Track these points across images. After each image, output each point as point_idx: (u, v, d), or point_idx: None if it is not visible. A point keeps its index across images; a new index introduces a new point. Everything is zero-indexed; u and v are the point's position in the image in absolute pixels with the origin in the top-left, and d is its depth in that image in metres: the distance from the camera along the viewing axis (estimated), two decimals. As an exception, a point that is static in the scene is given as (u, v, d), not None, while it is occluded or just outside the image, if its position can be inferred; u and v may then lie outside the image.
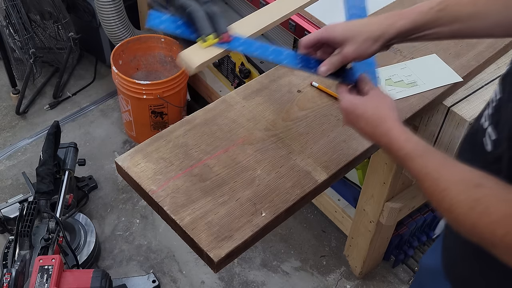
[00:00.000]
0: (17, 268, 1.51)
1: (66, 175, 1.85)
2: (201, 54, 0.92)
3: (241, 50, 0.95)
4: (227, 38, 0.93)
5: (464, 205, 0.68)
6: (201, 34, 0.91)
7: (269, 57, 0.94)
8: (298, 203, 1.01)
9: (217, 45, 0.93)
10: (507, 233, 0.63)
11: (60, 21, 2.31)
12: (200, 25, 0.90)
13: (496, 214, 0.64)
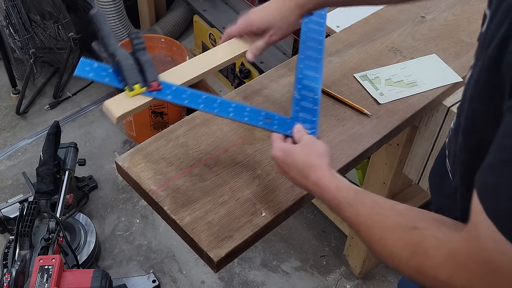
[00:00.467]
0: (17, 268, 1.51)
1: (66, 175, 1.85)
2: (125, 103, 0.91)
3: (170, 98, 0.92)
4: (156, 87, 0.91)
5: (404, 251, 0.67)
6: (128, 83, 0.90)
7: (199, 106, 0.93)
8: (298, 203, 1.01)
9: (146, 94, 0.91)
10: (450, 276, 0.62)
11: (60, 21, 2.31)
12: (127, 74, 0.90)
13: (438, 257, 0.63)
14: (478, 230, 0.58)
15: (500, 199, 0.54)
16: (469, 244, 0.59)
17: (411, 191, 1.63)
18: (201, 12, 2.19)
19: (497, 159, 0.55)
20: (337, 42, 1.34)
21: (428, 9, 1.44)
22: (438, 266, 0.63)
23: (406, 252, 0.67)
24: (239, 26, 1.03)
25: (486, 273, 0.58)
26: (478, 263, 0.58)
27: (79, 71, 0.91)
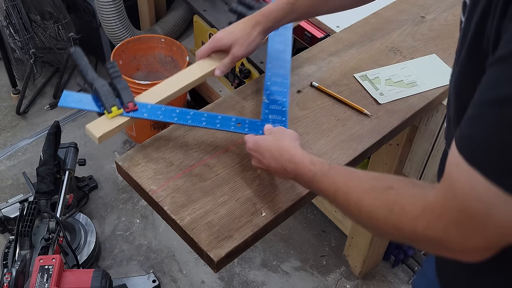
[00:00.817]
0: (18, 268, 1.51)
1: (66, 175, 1.85)
2: (105, 124, 1.00)
3: (146, 116, 1.01)
4: (132, 107, 1.01)
5: (382, 209, 0.70)
6: (105, 107, 1.00)
7: (174, 119, 1.02)
8: (298, 203, 1.01)
9: (123, 114, 1.01)
10: (427, 227, 0.64)
11: (60, 21, 2.31)
12: (104, 98, 1.00)
13: (414, 211, 0.66)
14: (454, 180, 0.61)
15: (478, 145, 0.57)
16: (444, 195, 0.62)
17: (411, 191, 1.62)
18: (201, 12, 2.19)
19: (475, 113, 0.59)
20: (337, 42, 1.34)
21: (428, 9, 1.44)
22: (414, 219, 0.65)
23: (383, 210, 0.70)
24: (208, 45, 1.13)
25: (462, 221, 0.61)
26: (453, 212, 0.61)
27: (62, 102, 1.01)
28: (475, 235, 0.61)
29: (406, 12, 1.43)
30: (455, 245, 0.63)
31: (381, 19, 1.41)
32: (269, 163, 0.93)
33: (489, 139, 0.56)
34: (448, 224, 0.62)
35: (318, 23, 1.55)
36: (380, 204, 0.71)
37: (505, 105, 0.55)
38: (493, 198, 0.57)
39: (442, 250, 0.66)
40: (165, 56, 2.33)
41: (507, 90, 0.55)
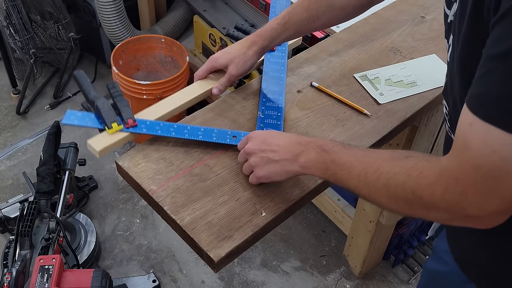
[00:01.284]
0: (18, 268, 1.51)
1: (66, 175, 1.85)
2: (105, 139, 1.04)
3: (145, 131, 1.06)
4: (132, 123, 1.06)
5: (400, 175, 0.72)
6: (106, 123, 1.05)
7: (172, 133, 1.06)
8: (298, 203, 1.01)
9: (124, 130, 1.06)
10: (445, 191, 0.66)
11: (60, 21, 2.31)
12: (105, 115, 1.05)
13: (432, 176, 0.68)
14: (467, 141, 0.63)
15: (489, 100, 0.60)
16: (459, 158, 0.65)
17: (411, 191, 1.63)
18: (201, 12, 2.19)
19: (482, 72, 0.61)
20: (337, 42, 1.34)
21: (428, 9, 1.44)
22: (432, 183, 0.67)
23: (402, 176, 0.72)
24: (206, 66, 1.19)
25: (479, 181, 0.62)
26: (469, 173, 0.63)
27: (66, 120, 1.06)
28: (493, 194, 0.62)
29: (406, 12, 1.43)
30: (473, 210, 0.64)
31: (381, 19, 1.41)
32: (278, 143, 0.92)
33: (500, 91, 0.58)
34: (465, 187, 0.64)
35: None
36: (399, 170, 0.72)
37: (508, 57, 0.57)
38: (508, 148, 0.59)
39: (460, 217, 0.67)
40: (165, 56, 2.33)
41: (508, 44, 0.58)
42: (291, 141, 0.91)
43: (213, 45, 2.16)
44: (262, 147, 0.94)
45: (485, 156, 0.61)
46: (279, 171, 0.92)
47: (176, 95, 1.17)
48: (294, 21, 1.13)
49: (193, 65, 2.29)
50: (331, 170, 0.84)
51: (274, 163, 0.92)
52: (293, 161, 0.90)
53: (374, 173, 0.76)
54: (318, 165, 0.86)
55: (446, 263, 0.95)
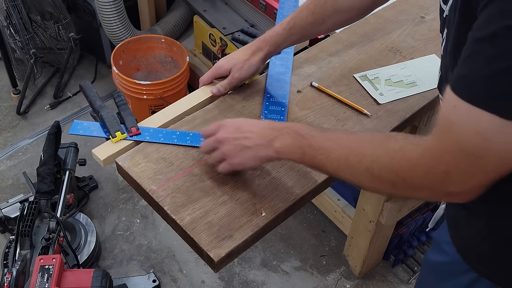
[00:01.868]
0: (18, 267, 1.52)
1: (66, 175, 1.85)
2: (110, 148, 1.06)
3: (148, 139, 1.08)
4: (135, 132, 1.08)
5: (384, 158, 0.73)
6: (110, 132, 1.07)
7: (174, 141, 1.08)
8: (298, 203, 1.01)
9: (127, 139, 1.08)
10: (428, 171, 0.68)
11: (60, 21, 2.31)
12: (109, 125, 1.08)
13: (415, 157, 0.70)
14: (451, 122, 0.65)
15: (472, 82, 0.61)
16: (442, 139, 0.66)
17: (411, 191, 1.63)
18: (201, 12, 2.19)
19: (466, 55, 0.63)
20: (337, 42, 1.35)
21: (428, 10, 1.44)
22: (415, 164, 0.69)
23: (385, 158, 0.73)
24: (210, 72, 1.19)
25: (461, 161, 0.65)
26: (452, 153, 0.65)
27: (73, 131, 1.09)
28: (475, 172, 0.65)
29: (406, 12, 1.44)
30: (456, 187, 0.67)
31: (381, 19, 1.42)
32: (251, 130, 0.91)
33: (484, 73, 0.60)
34: (448, 166, 0.66)
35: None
36: (381, 152, 0.74)
37: (495, 39, 0.59)
38: (491, 129, 0.61)
39: (442, 194, 0.70)
40: (165, 56, 2.33)
41: (495, 26, 0.59)
42: (265, 127, 0.91)
43: (213, 45, 2.17)
44: (235, 134, 0.93)
45: (469, 137, 0.63)
46: (253, 157, 0.92)
47: (180, 102, 1.18)
48: (299, 26, 1.13)
49: (193, 65, 2.30)
50: (308, 155, 0.84)
51: (247, 150, 0.91)
52: (268, 146, 0.89)
53: (356, 156, 0.77)
54: (294, 150, 0.87)
55: (447, 253, 0.95)
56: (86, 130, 1.10)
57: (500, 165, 0.64)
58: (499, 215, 0.80)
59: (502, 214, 0.79)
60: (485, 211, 0.82)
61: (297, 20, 1.13)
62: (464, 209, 0.87)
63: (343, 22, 1.17)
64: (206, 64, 2.29)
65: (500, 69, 0.59)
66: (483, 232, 0.85)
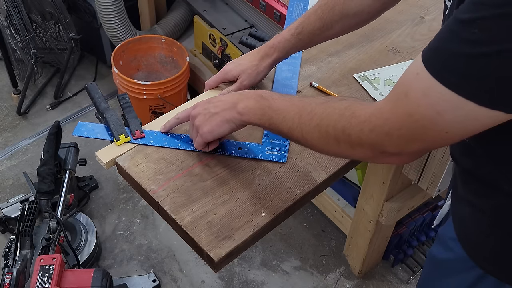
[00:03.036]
0: (18, 267, 1.52)
1: (67, 175, 1.86)
2: (113, 151, 1.07)
3: (152, 142, 1.08)
4: (139, 135, 1.08)
5: (333, 115, 0.78)
6: (114, 135, 1.08)
7: (178, 145, 1.07)
8: (297, 202, 1.01)
9: (131, 142, 1.08)
10: (372, 130, 0.72)
11: (61, 21, 2.31)
12: (113, 127, 1.09)
13: (363, 115, 0.74)
14: (409, 88, 0.67)
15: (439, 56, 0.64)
16: (395, 102, 0.70)
17: (410, 191, 1.63)
18: (201, 12, 2.20)
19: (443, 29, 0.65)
20: (336, 43, 1.35)
21: (428, 10, 1.45)
22: (362, 122, 0.73)
23: (335, 115, 0.78)
24: (217, 76, 1.18)
25: (406, 126, 0.68)
26: (400, 117, 0.68)
27: (77, 132, 1.10)
28: (416, 139, 0.69)
29: (406, 13, 1.44)
30: (394, 148, 0.72)
31: (381, 19, 1.41)
32: (220, 99, 0.96)
33: (453, 51, 0.63)
34: (392, 129, 0.70)
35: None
36: (332, 111, 0.79)
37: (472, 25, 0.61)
38: (446, 104, 0.64)
39: (379, 154, 0.74)
40: (165, 56, 2.33)
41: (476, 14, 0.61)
42: (232, 94, 0.97)
43: (213, 45, 2.17)
44: (205, 106, 0.98)
45: (421, 107, 0.66)
46: (220, 121, 0.95)
47: (185, 105, 1.17)
48: (307, 31, 1.12)
49: (193, 65, 2.30)
50: (267, 115, 0.89)
51: (215, 116, 0.96)
52: (232, 108, 0.94)
53: (308, 114, 0.81)
54: (255, 111, 0.91)
55: (452, 250, 0.95)
56: (90, 132, 1.10)
57: (439, 138, 0.68)
58: (504, 212, 0.81)
59: (508, 211, 0.79)
60: (491, 208, 0.83)
61: (305, 25, 1.12)
62: (470, 206, 0.87)
63: (352, 27, 1.16)
64: (206, 64, 2.29)
65: (470, 53, 0.61)
66: (489, 229, 0.86)
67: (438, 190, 1.41)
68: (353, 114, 0.75)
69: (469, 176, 0.84)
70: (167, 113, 1.16)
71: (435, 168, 1.38)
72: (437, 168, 1.37)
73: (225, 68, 1.18)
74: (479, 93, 0.62)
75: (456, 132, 0.67)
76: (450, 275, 0.97)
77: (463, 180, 0.87)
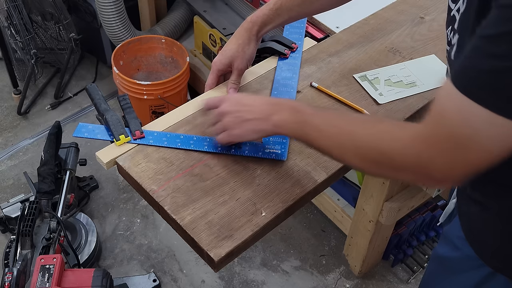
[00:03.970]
0: (19, 267, 1.52)
1: (67, 175, 1.86)
2: (113, 151, 1.07)
3: (152, 142, 1.08)
4: (139, 135, 1.08)
5: (373, 137, 0.77)
6: (114, 135, 1.08)
7: (178, 145, 1.08)
8: (298, 202, 1.02)
9: (131, 142, 1.08)
10: (417, 155, 0.70)
11: (61, 22, 2.32)
12: (113, 128, 1.09)
13: (405, 139, 0.72)
14: (443, 109, 0.67)
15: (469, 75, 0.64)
16: (434, 124, 0.69)
17: (410, 191, 1.63)
18: (201, 13, 2.20)
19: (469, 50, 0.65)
20: (336, 43, 1.35)
21: (427, 10, 1.45)
22: (405, 147, 0.72)
23: (375, 138, 0.76)
24: (212, 72, 1.18)
25: (448, 148, 0.67)
26: (441, 139, 0.68)
27: (77, 133, 1.10)
28: (460, 161, 0.68)
29: (405, 13, 1.44)
30: (439, 173, 0.70)
31: (381, 19, 1.42)
32: (252, 103, 0.96)
33: (480, 67, 0.63)
34: (436, 152, 0.69)
35: (318, 24, 1.55)
36: (372, 132, 0.77)
37: (499, 40, 0.61)
38: (480, 121, 0.63)
39: (424, 178, 0.73)
40: (165, 56, 2.33)
41: (502, 28, 0.61)
42: (264, 102, 0.96)
43: (213, 46, 2.17)
44: (236, 107, 0.97)
45: (458, 126, 0.66)
46: (252, 129, 0.95)
47: (185, 106, 1.18)
48: (286, 7, 1.14)
49: (193, 65, 2.30)
50: (303, 131, 0.88)
51: (247, 122, 0.95)
52: (266, 120, 0.93)
53: (347, 135, 0.81)
54: (291, 125, 0.90)
55: (459, 248, 0.95)
56: (91, 133, 1.10)
57: (482, 159, 0.67)
58: None
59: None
60: (501, 208, 0.83)
61: (284, 1, 1.14)
62: (477, 204, 0.87)
63: (332, 4, 1.17)
64: (206, 65, 2.30)
65: (498, 68, 0.61)
66: (498, 228, 0.86)
67: (437, 190, 1.42)
68: (394, 138, 0.74)
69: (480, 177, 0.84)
70: (168, 114, 1.16)
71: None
72: (436, 168, 1.37)
73: (215, 61, 1.17)
74: (509, 107, 0.62)
75: (497, 150, 0.65)
76: (457, 274, 0.97)
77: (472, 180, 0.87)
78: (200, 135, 1.09)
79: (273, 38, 1.31)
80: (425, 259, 1.96)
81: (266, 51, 1.30)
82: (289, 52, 1.29)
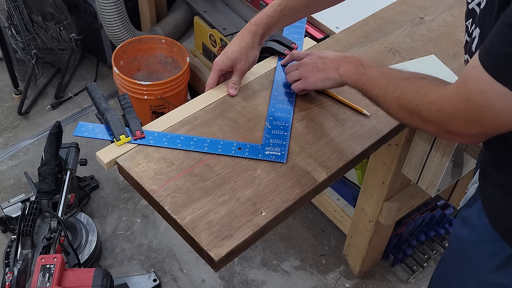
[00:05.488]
0: (19, 267, 1.52)
1: (67, 175, 1.86)
2: (113, 151, 1.07)
3: (152, 142, 1.09)
4: (140, 135, 1.09)
5: (411, 91, 0.90)
6: (114, 135, 1.08)
7: (178, 145, 1.08)
8: (297, 202, 1.02)
9: (131, 142, 1.08)
10: (438, 110, 0.84)
11: (61, 22, 2.32)
12: (113, 127, 1.09)
13: (433, 96, 0.85)
14: (467, 78, 0.80)
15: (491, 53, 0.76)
16: (457, 88, 0.82)
17: (410, 190, 1.64)
18: (201, 13, 2.20)
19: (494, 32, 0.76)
20: (336, 43, 1.35)
21: (427, 10, 1.45)
22: (432, 102, 0.85)
23: (412, 92, 0.89)
24: (213, 72, 1.20)
25: (466, 109, 0.80)
26: (460, 101, 0.80)
27: (77, 132, 1.11)
28: (474, 121, 0.80)
29: (405, 13, 1.44)
30: (456, 128, 0.83)
31: (380, 20, 1.42)
32: (329, 57, 1.11)
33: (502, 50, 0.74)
34: (455, 110, 0.81)
35: (318, 24, 1.56)
36: (411, 87, 0.90)
37: None
38: (495, 94, 0.75)
39: (445, 131, 0.86)
40: (165, 56, 2.34)
41: None
42: (336, 56, 1.10)
43: (214, 46, 2.17)
44: (316, 60, 1.12)
45: (475, 94, 0.78)
46: (323, 77, 1.10)
47: (185, 106, 1.18)
48: (291, 8, 1.16)
49: (193, 65, 2.30)
50: (361, 81, 1.02)
51: (320, 71, 1.11)
52: (335, 69, 1.08)
53: (392, 87, 0.94)
54: (352, 76, 1.04)
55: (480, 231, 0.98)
56: (91, 132, 1.10)
57: (495, 124, 0.78)
58: None
59: None
60: None
61: (289, 2, 1.16)
62: (500, 188, 0.92)
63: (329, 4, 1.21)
64: (206, 65, 2.30)
65: None
66: None
67: (437, 190, 1.42)
68: (426, 94, 0.86)
69: (502, 160, 0.91)
70: (168, 114, 1.17)
71: (434, 168, 1.38)
72: (436, 168, 1.38)
73: (217, 61, 1.18)
74: None
75: (506, 119, 0.77)
76: (480, 256, 1.00)
77: (494, 163, 0.93)
78: (200, 136, 1.10)
79: (273, 38, 1.31)
80: (425, 259, 1.96)
81: (266, 51, 1.30)
82: (289, 52, 1.29)
